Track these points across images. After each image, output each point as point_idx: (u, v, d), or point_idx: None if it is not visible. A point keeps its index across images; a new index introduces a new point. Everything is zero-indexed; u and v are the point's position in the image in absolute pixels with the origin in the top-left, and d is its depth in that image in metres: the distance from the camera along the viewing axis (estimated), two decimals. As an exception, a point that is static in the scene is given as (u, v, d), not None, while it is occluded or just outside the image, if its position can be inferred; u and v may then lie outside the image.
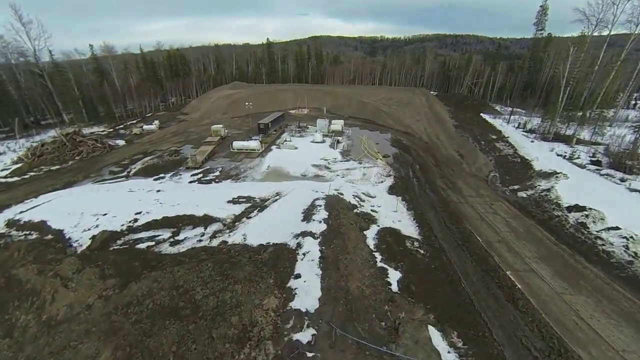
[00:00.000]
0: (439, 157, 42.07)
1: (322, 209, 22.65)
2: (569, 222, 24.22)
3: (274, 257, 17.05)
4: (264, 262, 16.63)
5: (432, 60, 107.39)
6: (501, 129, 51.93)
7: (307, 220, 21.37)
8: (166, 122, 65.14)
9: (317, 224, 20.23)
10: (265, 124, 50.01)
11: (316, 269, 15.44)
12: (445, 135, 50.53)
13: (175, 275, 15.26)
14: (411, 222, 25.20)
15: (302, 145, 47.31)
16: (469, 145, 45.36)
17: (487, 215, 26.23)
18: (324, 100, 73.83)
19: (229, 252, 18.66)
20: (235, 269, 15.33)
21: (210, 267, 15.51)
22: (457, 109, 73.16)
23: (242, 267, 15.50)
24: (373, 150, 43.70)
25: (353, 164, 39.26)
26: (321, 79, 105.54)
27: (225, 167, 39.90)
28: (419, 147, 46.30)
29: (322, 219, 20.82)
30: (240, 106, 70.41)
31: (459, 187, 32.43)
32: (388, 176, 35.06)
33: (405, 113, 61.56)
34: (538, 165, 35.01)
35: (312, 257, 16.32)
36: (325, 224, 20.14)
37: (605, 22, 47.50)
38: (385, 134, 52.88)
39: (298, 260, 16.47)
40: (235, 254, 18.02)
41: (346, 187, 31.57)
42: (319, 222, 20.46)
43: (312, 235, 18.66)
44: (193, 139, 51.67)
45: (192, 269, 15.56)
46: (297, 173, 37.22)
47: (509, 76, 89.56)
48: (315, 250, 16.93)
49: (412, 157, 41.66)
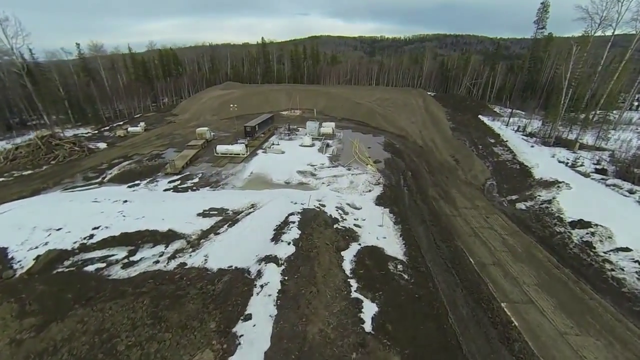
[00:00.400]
0: (433, 162, 39.37)
1: (294, 226, 20.05)
2: (572, 240, 21.52)
3: (228, 289, 14.47)
4: (215, 295, 14.06)
5: (430, 60, 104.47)
6: (500, 132, 49.14)
7: (276, 240, 18.77)
8: (153, 123, 62.63)
9: (285, 246, 17.62)
10: (252, 127, 47.43)
11: (271, 308, 12.85)
12: (441, 139, 47.81)
13: (105, 314, 12.71)
14: (397, 239, 22.57)
15: (290, 149, 44.73)
16: (465, 149, 42.63)
17: (481, 231, 23.55)
18: (318, 101, 71.18)
19: (181, 279, 16.10)
20: (174, 307, 12.76)
21: (146, 304, 12.94)
22: (454, 110, 70.32)
23: (184, 305, 12.93)
24: (364, 155, 41.06)
25: (341, 170, 36.62)
26: (317, 79, 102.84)
27: (206, 173, 37.35)
28: (412, 151, 43.61)
29: (292, 240, 18.22)
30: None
31: (453, 197, 29.75)
32: (377, 184, 32.42)
33: (401, 115, 58.84)
34: (538, 173, 32.27)
35: (270, 291, 13.73)
36: (294, 247, 17.53)
37: (609, 21, 44.66)
38: (378, 136, 50.22)
39: (254, 294, 13.88)
40: (187, 283, 15.45)
41: (330, 197, 28.96)
42: (288, 243, 17.85)
43: (276, 261, 16.05)
44: (177, 142, 49.17)
45: (126, 306, 13.01)
46: (281, 180, 34.64)
47: (509, 76, 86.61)
48: (275, 282, 14.33)
49: (404, 163, 38.98)
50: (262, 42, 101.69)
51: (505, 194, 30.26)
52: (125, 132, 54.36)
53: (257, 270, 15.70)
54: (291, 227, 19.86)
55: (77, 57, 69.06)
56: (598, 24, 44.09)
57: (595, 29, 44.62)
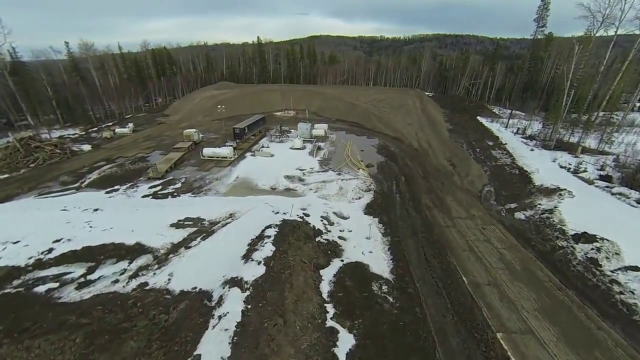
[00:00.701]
0: (429, 167, 37.37)
1: (269, 242, 18.09)
2: (576, 256, 19.52)
3: (181, 320, 12.55)
4: (165, 328, 12.13)
5: (429, 60, 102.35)
6: (499, 134, 47.10)
7: (246, 258, 16.82)
8: (143, 124, 60.69)
9: (255, 266, 15.67)
10: (241, 129, 45.46)
11: (225, 347, 10.91)
12: (437, 141, 45.80)
13: (30, 355, 10.79)
14: (385, 254, 20.60)
15: (279, 152, 42.76)
16: (462, 153, 40.62)
17: (477, 245, 21.57)
18: (313, 102, 69.18)
19: (134, 305, 14.17)
20: (110, 347, 10.85)
21: (78, 343, 11.02)
22: (452, 111, 68.26)
23: (124, 343, 11.02)
24: (356, 159, 39.09)
25: (331, 175, 34.66)
26: (314, 79, 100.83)
27: (190, 178, 35.43)
28: (407, 154, 41.61)
29: (264, 258, 16.25)
30: (229, 107, 65.93)
31: (448, 205, 27.75)
32: (368, 191, 30.45)
33: (397, 116, 56.82)
34: (539, 179, 30.25)
35: (228, 324, 11.79)
36: (264, 267, 15.58)
37: (612, 19, 42.52)
38: (372, 139, 48.22)
39: (209, 327, 11.95)
40: (139, 311, 13.52)
41: (316, 205, 27.02)
42: (258, 263, 15.89)
43: (240, 285, 14.10)
44: (165, 144, 47.23)
45: (55, 345, 11.08)
46: (267, 186, 32.70)
47: (508, 77, 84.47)
48: (235, 312, 12.39)
49: (398, 167, 36.99)
50: (258, 42, 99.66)
51: (504, 202, 28.25)
52: (112, 133, 52.44)
53: (219, 296, 13.77)
54: (265, 243, 17.90)
55: (66, 56, 67.10)
56: (600, 22, 41.99)
57: (598, 28, 42.55)
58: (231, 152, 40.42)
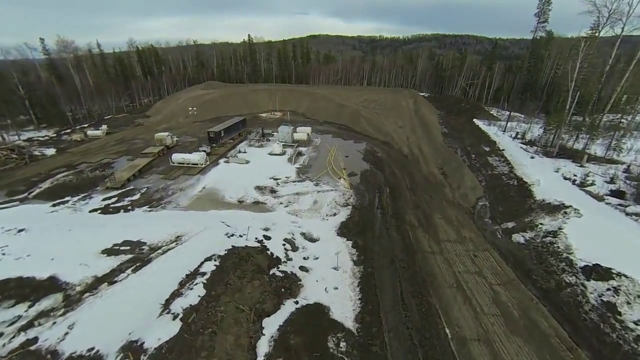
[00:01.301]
0: (418, 176, 33.42)
1: (200, 282, 14.21)
2: (588, 298, 15.60)
3: None
4: None
5: (425, 59, 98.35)
6: (496, 139, 43.10)
7: (165, 307, 12.93)
8: (120, 126, 56.81)
9: (168, 322, 11.78)
10: (216, 132, 41.53)
11: None
12: (429, 146, 41.82)
13: None
14: (353, 292, 16.71)
15: (257, 157, 38.88)
16: (456, 160, 36.66)
17: (466, 279, 17.66)
18: (301, 103, 65.26)
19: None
20: None
21: None
22: (448, 113, 64.28)
23: None
24: (338, 167, 35.14)
25: (307, 185, 30.75)
26: (307, 79, 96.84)
27: (152, 188, 31.58)
28: (395, 161, 37.65)
29: (184, 310, 12.37)
30: (207, 109, 62.11)
31: (435, 224, 23.83)
32: (345, 205, 26.52)
33: (388, 118, 52.85)
34: (540, 193, 26.28)
35: None
36: (180, 323, 11.69)
37: (619, 15, 38.42)
38: (360, 143, 44.27)
39: None
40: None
41: (282, 224, 23.14)
42: (174, 316, 12.01)
43: (138, 355, 10.23)
44: (137, 149, 43.32)
45: None
46: (234, 198, 28.83)
47: (507, 77, 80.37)
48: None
49: (384, 176, 33.07)
50: (249, 40, 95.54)
51: (500, 220, 24.30)
52: (83, 136, 48.56)
53: (103, 376, 9.88)
54: (195, 284, 14.03)
55: (41, 52, 63.17)
56: (606, 17, 37.93)
57: (604, 24, 38.46)
58: (202, 159, 36.50)
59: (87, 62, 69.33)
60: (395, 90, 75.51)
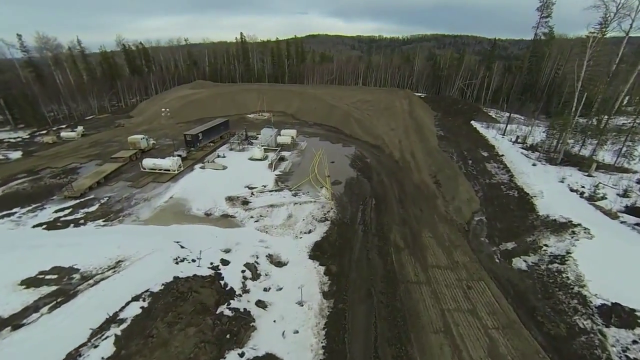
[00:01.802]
0: (408, 185, 30.13)
1: (113, 334, 10.98)
2: (609, 354, 12.34)
3: None
4: None
5: (422, 58, 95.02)
6: (495, 143, 39.81)
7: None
8: (98, 127, 53.59)
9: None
10: (193, 135, 38.24)
11: None
12: (423, 151, 38.50)
13: None
14: (315, 337, 13.47)
15: (236, 163, 35.63)
16: (451, 166, 33.37)
17: (457, 320, 14.41)
18: (291, 103, 61.95)
19: None
20: None
21: None
22: (445, 114, 60.93)
23: None
24: (323, 175, 31.87)
25: (284, 196, 27.49)
26: (301, 79, 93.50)
27: (115, 198, 28.36)
28: (385, 168, 34.37)
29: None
30: (192, 109, 58.87)
31: (423, 244, 20.58)
32: (323, 221, 23.28)
33: (380, 120, 49.53)
34: (543, 206, 23.04)
35: None
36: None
37: (628, 9, 35.16)
38: (348, 147, 41.00)
39: None
40: None
41: (246, 245, 19.91)
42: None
43: None
44: (110, 152, 40.00)
45: None
46: (201, 211, 25.61)
47: (506, 77, 77.02)
48: None
49: (370, 185, 29.80)
50: (242, 39, 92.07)
51: (498, 240, 21.03)
52: (56, 137, 45.30)
53: None
54: (104, 338, 10.79)
55: (18, 49, 59.83)
56: (614, 13, 34.66)
57: (612, 19, 35.14)
58: (175, 164, 33.25)
59: (68, 61, 65.87)
60: (390, 91, 72.14)
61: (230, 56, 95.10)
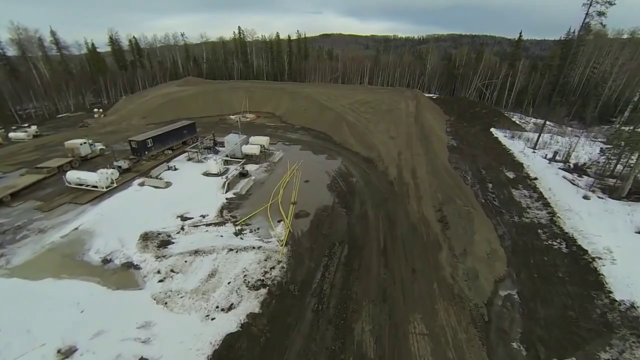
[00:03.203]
0: (401, 224, 20.98)
1: None
2: None
3: None
4: None
5: (436, 56, 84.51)
6: (523, 160, 30.02)
7: None
8: (61, 127, 46.88)
9: None
10: (139, 142, 30.29)
11: None
12: (428, 168, 29.16)
13: None
14: None
15: (186, 178, 27.50)
16: (464, 193, 23.99)
17: None
18: (281, 103, 53.46)
19: None
20: None
21: None
22: (459, 119, 50.93)
23: None
24: (289, 201, 23.18)
25: (223, 234, 19.01)
26: (303, 77, 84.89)
27: (4, 226, 20.75)
28: (374, 193, 25.32)
29: None
30: (170, 109, 51.28)
31: (407, 351, 11.61)
32: (258, 287, 14.63)
33: (379, 125, 40.31)
34: (620, 282, 13.63)
35: None
36: None
37: None
38: (333, 159, 32.11)
39: None
40: None
41: (110, 337, 11.56)
42: None
43: None
44: (51, 157, 32.75)
45: None
46: (99, 255, 17.58)
47: (533, 77, 65.85)
48: None
49: (348, 222, 20.87)
50: (240, 35, 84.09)
51: (545, 350, 11.80)
52: (1, 139, 38.62)
53: None
54: None
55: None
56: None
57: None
58: (104, 179, 25.37)
59: (43, 57, 59.37)
60: (395, 91, 62.45)
61: (227, 53, 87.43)
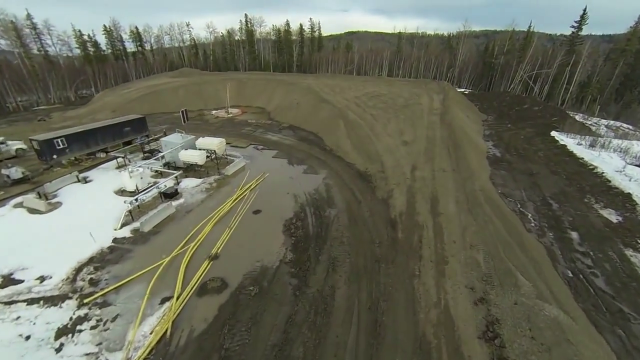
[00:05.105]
0: (396, 336, 9.96)
1: None
2: None
3: None
4: None
5: (467, 44, 70.49)
6: (624, 183, 17.57)
7: None
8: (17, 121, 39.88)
9: None
10: (42, 142, 21.24)
11: None
12: (458, 197, 17.58)
13: None
14: None
15: (88, 196, 18.12)
16: (529, 259, 12.44)
17: None
18: (273, 97, 43.23)
19: None
20: None
21: None
22: (501, 119, 37.94)
23: None
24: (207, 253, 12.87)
25: (31, 333, 8.93)
26: (314, 69, 74.49)
27: None
28: (358, 244, 14.28)
29: None
30: (146, 103, 42.86)
31: None
32: None
33: (389, 125, 28.84)
34: None
35: None
36: None
37: None
38: (314, 174, 21.30)
39: None
40: None
41: None
42: None
43: None
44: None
45: None
46: None
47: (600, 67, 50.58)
48: None
49: (288, 317, 10.12)
50: (247, 25, 74.79)
51: None
52: None
53: None
54: None
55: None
56: None
57: None
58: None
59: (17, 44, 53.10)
60: (417, 82, 50.00)
61: (233, 44, 78.72)
